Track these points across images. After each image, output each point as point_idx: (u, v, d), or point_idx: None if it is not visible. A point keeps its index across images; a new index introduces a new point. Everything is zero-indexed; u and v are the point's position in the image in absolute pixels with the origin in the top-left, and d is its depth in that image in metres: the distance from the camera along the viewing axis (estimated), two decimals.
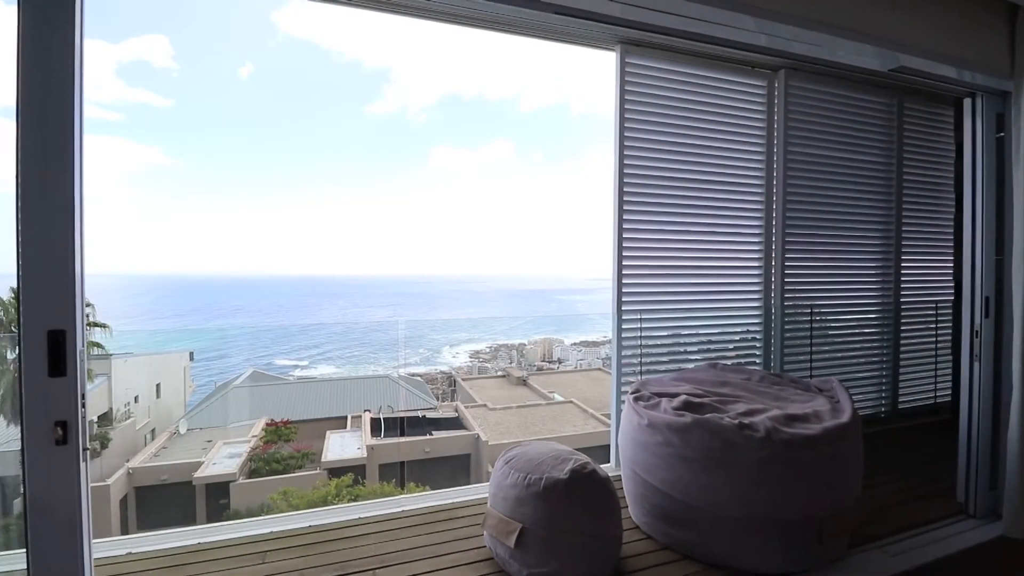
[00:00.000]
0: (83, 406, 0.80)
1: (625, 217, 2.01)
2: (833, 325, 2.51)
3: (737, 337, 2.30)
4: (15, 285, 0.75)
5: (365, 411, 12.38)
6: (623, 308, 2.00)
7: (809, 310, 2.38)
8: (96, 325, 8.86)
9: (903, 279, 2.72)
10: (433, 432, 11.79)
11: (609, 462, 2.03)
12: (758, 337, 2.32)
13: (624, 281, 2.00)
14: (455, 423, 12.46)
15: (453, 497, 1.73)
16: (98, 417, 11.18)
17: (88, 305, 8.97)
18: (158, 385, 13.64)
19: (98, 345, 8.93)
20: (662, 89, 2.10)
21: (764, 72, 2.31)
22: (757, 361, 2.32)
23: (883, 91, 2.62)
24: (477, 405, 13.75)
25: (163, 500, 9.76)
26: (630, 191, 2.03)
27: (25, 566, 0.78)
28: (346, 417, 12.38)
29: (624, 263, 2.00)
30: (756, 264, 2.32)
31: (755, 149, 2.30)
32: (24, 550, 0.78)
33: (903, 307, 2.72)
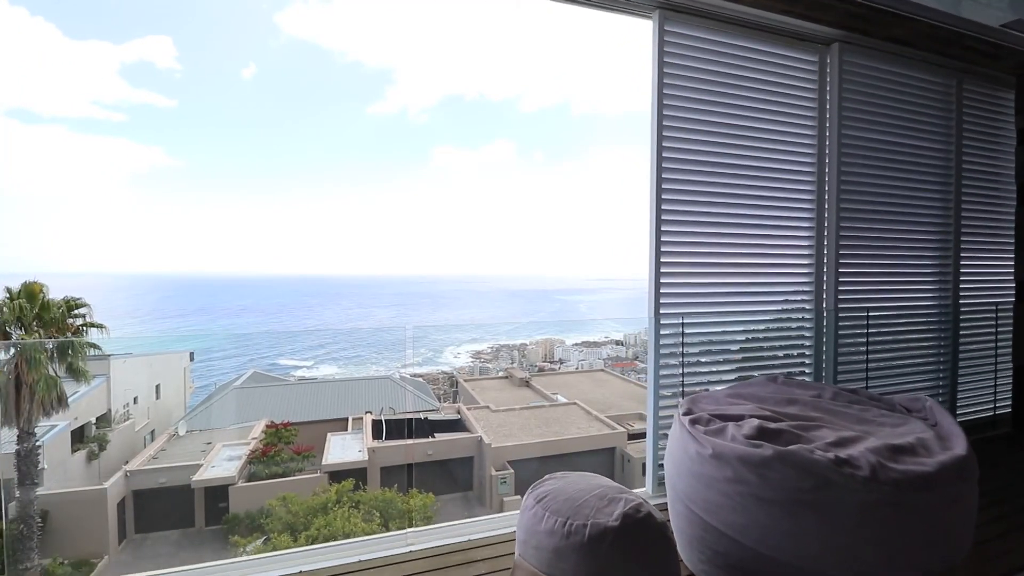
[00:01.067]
0: None
1: (664, 208, 1.75)
2: (889, 330, 2.25)
3: (788, 343, 2.04)
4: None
5: (366, 413, 12.16)
6: (661, 312, 1.74)
7: (865, 313, 2.12)
8: (93, 326, 8.66)
9: (962, 278, 2.45)
10: (435, 434, 11.56)
11: (644, 487, 1.78)
12: (808, 343, 2.06)
13: (663, 281, 1.74)
14: (457, 425, 12.23)
15: (468, 532, 1.48)
16: (96, 419, 11.02)
17: (85, 305, 8.77)
18: (158, 386, 13.48)
19: (95, 346, 8.72)
20: (703, 62, 1.84)
21: (815, 46, 2.05)
22: (807, 371, 2.06)
23: (941, 70, 2.35)
24: (479, 407, 13.51)
25: (161, 504, 9.58)
26: (669, 178, 1.77)
27: None
28: (347, 419, 12.18)
29: (662, 260, 1.75)
30: (807, 262, 2.06)
31: (805, 132, 2.05)
32: None
33: (962, 309, 2.46)
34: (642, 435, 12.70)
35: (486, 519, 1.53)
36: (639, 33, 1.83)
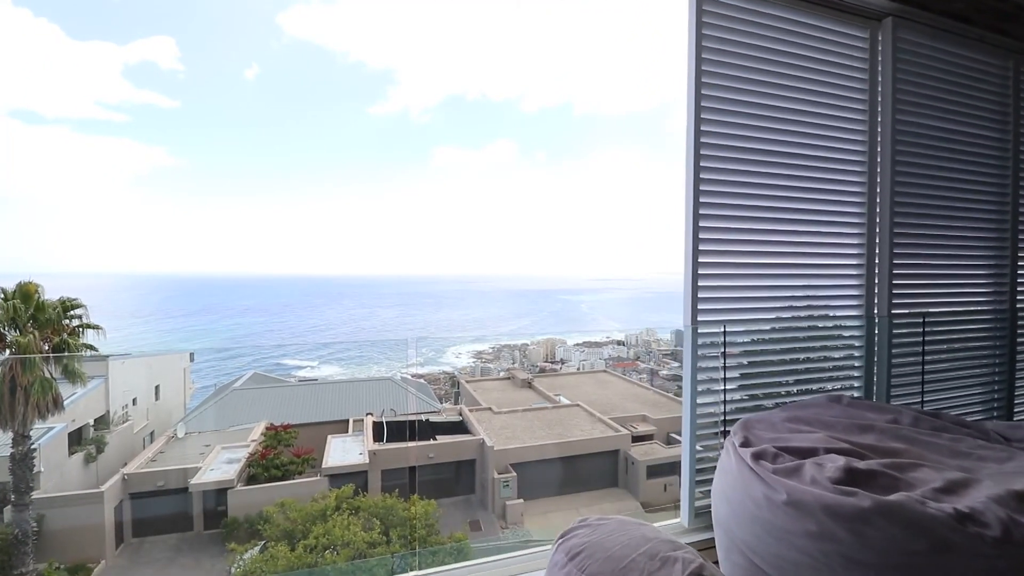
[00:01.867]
0: None
1: (702, 200, 1.53)
2: (943, 338, 2.02)
3: (836, 354, 1.82)
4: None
5: (367, 415, 11.98)
6: (699, 318, 1.53)
7: (921, 319, 1.90)
8: (89, 327, 8.49)
9: (1020, 280, 2.22)
10: (437, 437, 11.37)
11: (679, 518, 1.56)
12: (857, 354, 1.84)
13: (701, 283, 1.53)
14: (459, 427, 12.04)
15: None
16: (94, 420, 10.88)
17: (81, 306, 8.60)
18: (157, 387, 13.34)
19: (91, 347, 8.56)
20: (745, 35, 1.63)
21: (866, 21, 1.83)
22: (856, 384, 1.84)
23: (997, 51, 2.12)
24: (482, 408, 13.32)
25: (159, 507, 9.43)
26: (708, 166, 1.55)
27: None
28: (347, 421, 12.00)
29: (701, 259, 1.53)
30: (856, 262, 1.84)
31: (855, 117, 1.83)
32: None
33: (1020, 314, 2.23)
34: (646, 437, 12.51)
35: (504, 559, 1.32)
36: (671, 8, 1.62)
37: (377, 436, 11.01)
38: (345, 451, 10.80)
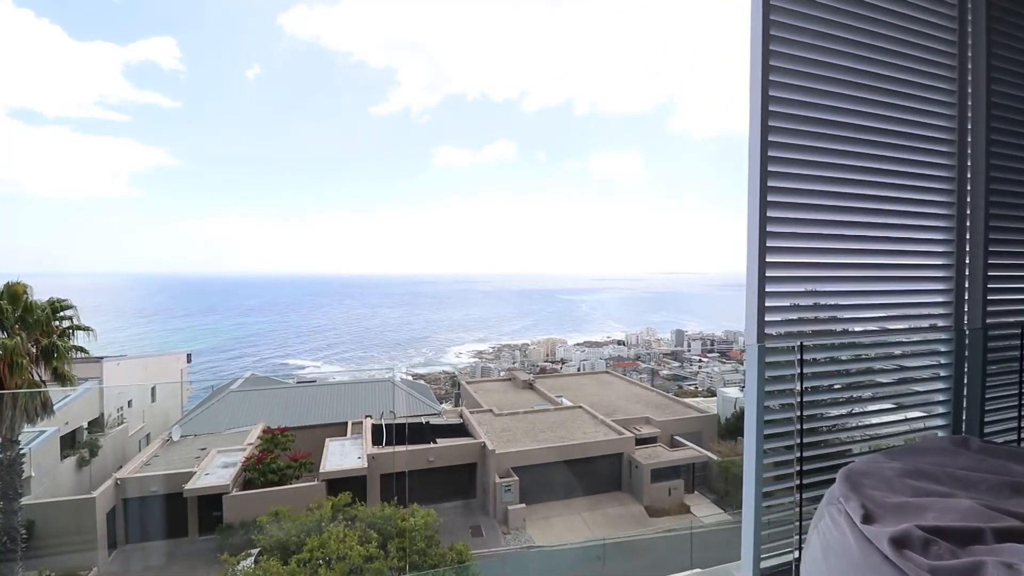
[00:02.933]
0: None
1: (771, 184, 1.21)
2: None
3: (922, 374, 1.50)
4: None
5: (366, 417, 11.68)
6: (766, 331, 1.21)
7: (1020, 331, 1.58)
8: (79, 328, 8.21)
9: None
10: (437, 440, 11.08)
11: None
12: (944, 373, 1.52)
13: (768, 289, 1.21)
14: (460, 430, 11.73)
15: None
16: (88, 423, 10.63)
17: (71, 307, 8.31)
18: (153, 389, 13.10)
19: (81, 349, 8.28)
20: None
21: None
22: (942, 410, 1.52)
23: None
24: (482, 410, 13.01)
25: (153, 513, 9.18)
26: (778, 141, 1.24)
27: None
28: (346, 423, 11.72)
29: (768, 258, 1.21)
30: (942, 262, 1.52)
31: (941, 86, 1.51)
32: None
33: None
34: (650, 440, 12.16)
35: None
36: None
37: (376, 439, 10.71)
38: (343, 455, 10.50)
